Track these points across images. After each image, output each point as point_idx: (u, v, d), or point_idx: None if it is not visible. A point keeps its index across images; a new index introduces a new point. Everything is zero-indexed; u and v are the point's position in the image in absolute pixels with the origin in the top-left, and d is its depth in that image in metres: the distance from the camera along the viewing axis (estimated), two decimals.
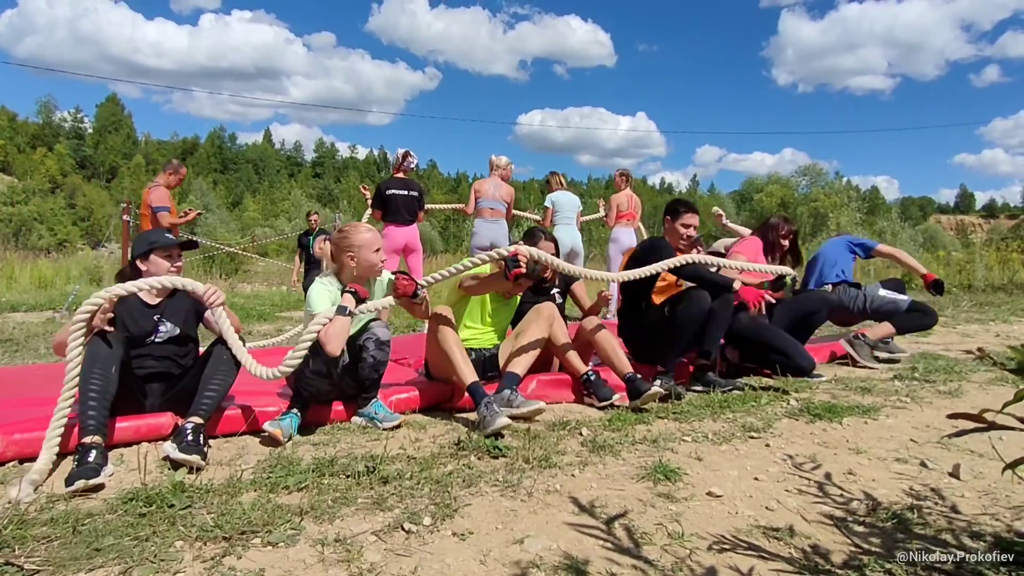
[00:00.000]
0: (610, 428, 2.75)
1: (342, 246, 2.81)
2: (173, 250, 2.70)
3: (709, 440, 2.59)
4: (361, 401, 2.84)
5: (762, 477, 2.18)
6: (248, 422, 2.61)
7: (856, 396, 3.40)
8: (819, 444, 2.57)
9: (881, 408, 3.10)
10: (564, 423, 2.80)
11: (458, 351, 2.91)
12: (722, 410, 3.04)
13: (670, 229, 3.84)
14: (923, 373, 3.98)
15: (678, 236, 3.79)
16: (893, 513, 1.85)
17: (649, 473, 2.18)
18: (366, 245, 2.79)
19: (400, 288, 2.82)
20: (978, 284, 11.39)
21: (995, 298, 9.82)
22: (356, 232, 2.83)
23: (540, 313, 3.18)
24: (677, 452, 2.44)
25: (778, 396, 3.33)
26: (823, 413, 2.95)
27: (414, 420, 2.89)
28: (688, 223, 3.78)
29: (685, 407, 3.08)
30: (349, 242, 2.80)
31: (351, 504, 1.92)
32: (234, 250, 16.93)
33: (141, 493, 1.93)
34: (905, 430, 2.77)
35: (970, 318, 7.54)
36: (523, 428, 2.74)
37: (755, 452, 2.46)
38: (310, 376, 2.65)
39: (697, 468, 2.27)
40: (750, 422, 2.84)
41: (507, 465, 2.28)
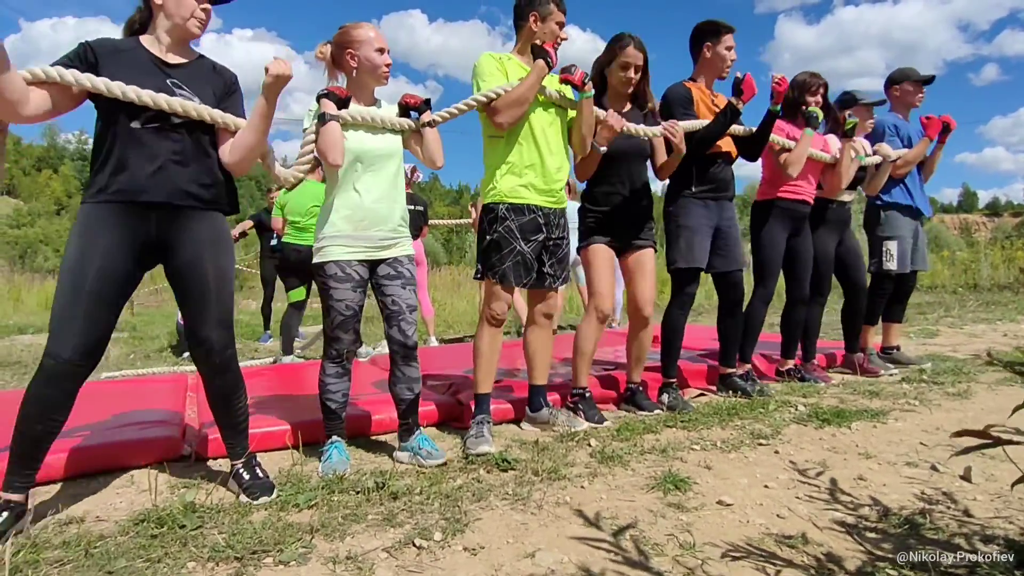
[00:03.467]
0: (619, 438, 2.75)
1: (342, 42, 2.47)
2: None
3: (718, 448, 2.59)
4: (402, 431, 2.60)
5: (772, 485, 2.17)
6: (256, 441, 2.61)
7: (864, 400, 3.39)
8: (828, 450, 2.56)
9: (890, 412, 3.09)
10: (573, 434, 2.80)
11: (487, 360, 2.76)
12: (730, 417, 3.04)
13: (712, 56, 3.35)
14: (931, 375, 3.97)
15: (722, 64, 3.34)
16: (904, 518, 1.85)
17: (659, 483, 2.17)
18: (367, 41, 2.45)
19: (407, 99, 2.55)
20: (984, 283, 11.34)
21: (1001, 297, 9.78)
22: (357, 26, 2.49)
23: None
24: (686, 461, 2.44)
25: (786, 402, 3.33)
26: (831, 418, 2.94)
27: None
28: (731, 46, 3.32)
29: (693, 415, 3.07)
30: (349, 37, 2.46)
31: (361, 521, 1.92)
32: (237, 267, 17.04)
33: (152, 514, 1.93)
34: (915, 433, 2.76)
35: (977, 318, 7.51)
36: (531, 440, 2.74)
37: (764, 459, 2.46)
38: (331, 381, 2.49)
39: (707, 477, 2.26)
40: (758, 429, 2.84)
41: (516, 478, 2.28)
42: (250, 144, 2.09)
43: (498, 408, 2.99)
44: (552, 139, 2.76)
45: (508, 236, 2.68)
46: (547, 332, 2.95)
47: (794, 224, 3.75)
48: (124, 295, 1.99)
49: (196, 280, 2.05)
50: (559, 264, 2.85)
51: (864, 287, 4.17)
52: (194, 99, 2.03)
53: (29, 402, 1.88)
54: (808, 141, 3.55)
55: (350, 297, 2.42)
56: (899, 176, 4.19)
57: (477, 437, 2.63)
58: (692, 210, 3.33)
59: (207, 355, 2.09)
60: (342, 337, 2.45)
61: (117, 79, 1.91)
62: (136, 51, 2.02)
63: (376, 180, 2.46)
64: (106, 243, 1.92)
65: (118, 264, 1.94)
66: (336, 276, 2.40)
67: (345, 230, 2.42)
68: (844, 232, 4.11)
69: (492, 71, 2.70)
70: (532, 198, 2.71)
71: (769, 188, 3.77)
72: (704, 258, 3.34)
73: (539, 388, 2.95)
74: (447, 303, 10.13)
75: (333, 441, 2.48)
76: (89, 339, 1.89)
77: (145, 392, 3.41)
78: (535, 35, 2.73)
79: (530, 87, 2.62)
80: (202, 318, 2.07)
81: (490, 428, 2.72)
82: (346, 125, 2.41)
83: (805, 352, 4.08)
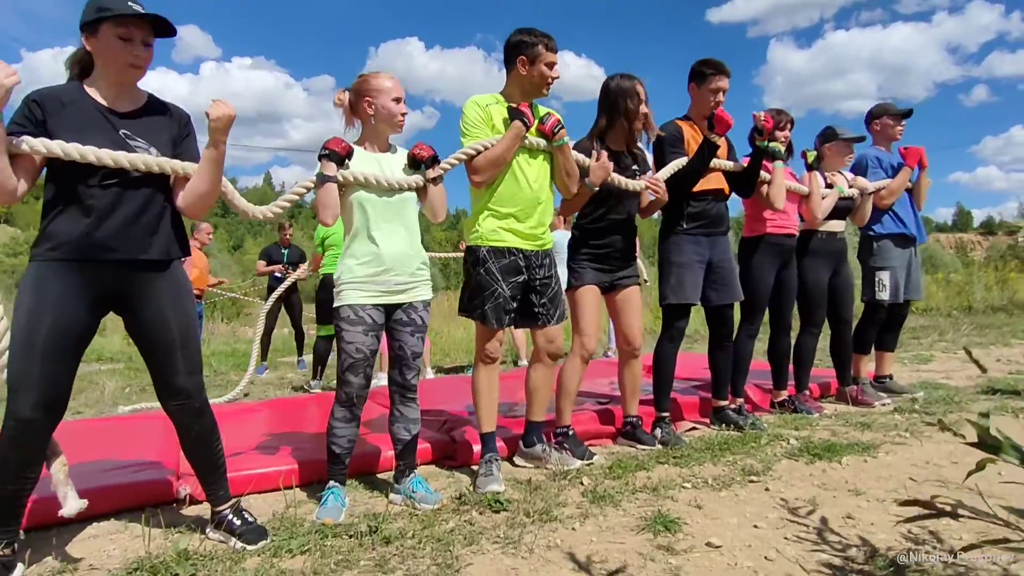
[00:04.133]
0: (611, 476, 2.76)
1: (360, 91, 2.52)
2: (135, 29, 1.93)
3: (709, 486, 2.60)
4: (397, 472, 2.62)
5: (761, 524, 2.19)
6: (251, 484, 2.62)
7: (856, 432, 3.41)
8: (818, 486, 2.58)
9: (880, 445, 3.12)
10: (565, 472, 2.81)
11: (487, 398, 2.78)
12: (722, 452, 3.06)
13: (697, 97, 3.45)
14: (923, 405, 4.00)
15: (707, 104, 3.40)
16: (891, 560, 1.87)
17: (649, 524, 2.19)
18: (385, 91, 2.49)
19: (417, 151, 2.54)
20: (978, 306, 11.41)
21: (995, 319, 9.84)
22: (376, 77, 2.52)
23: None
24: (677, 500, 2.45)
25: (778, 435, 3.35)
26: (822, 453, 2.96)
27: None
28: (717, 87, 3.36)
29: (686, 451, 3.09)
30: (368, 86, 2.50)
31: (354, 567, 1.93)
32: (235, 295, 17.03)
33: (146, 563, 1.94)
34: (904, 468, 2.79)
35: (971, 342, 7.55)
36: (525, 478, 2.76)
37: (754, 497, 2.47)
38: (338, 426, 2.49)
39: (697, 517, 2.28)
40: (750, 464, 2.86)
41: (508, 520, 2.29)
42: (203, 192, 2.07)
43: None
44: (535, 185, 2.81)
45: (489, 278, 2.72)
46: (550, 371, 2.98)
47: (782, 258, 3.81)
48: (80, 347, 1.97)
49: (161, 335, 2.04)
50: (551, 303, 2.89)
51: (850, 321, 4.21)
52: (150, 150, 1.99)
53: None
54: (781, 173, 3.66)
55: (360, 340, 2.43)
56: (885, 207, 4.27)
57: (487, 476, 2.65)
58: (683, 247, 3.39)
59: (183, 404, 2.10)
60: (352, 380, 2.45)
61: (68, 135, 1.87)
62: (82, 103, 1.95)
63: (392, 226, 2.49)
64: (58, 298, 1.89)
65: (71, 319, 1.91)
66: (349, 319, 2.43)
67: (361, 275, 2.45)
68: (839, 263, 4.16)
69: (476, 122, 2.75)
70: (513, 241, 2.76)
71: (755, 224, 3.84)
72: (695, 294, 3.39)
73: (536, 424, 2.98)
74: (444, 331, 10.12)
75: (331, 487, 2.47)
76: (48, 395, 1.88)
77: (137, 432, 3.41)
78: (524, 79, 2.78)
79: (506, 149, 2.68)
80: (172, 369, 2.07)
81: (499, 465, 2.74)
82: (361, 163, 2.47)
83: (798, 383, 4.11)
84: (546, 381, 2.98)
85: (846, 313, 4.20)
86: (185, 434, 2.15)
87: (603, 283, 3.16)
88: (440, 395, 4.29)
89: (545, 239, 2.88)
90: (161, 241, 2.04)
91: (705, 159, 3.29)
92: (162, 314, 2.04)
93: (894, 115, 4.34)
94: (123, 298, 2.02)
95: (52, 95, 1.93)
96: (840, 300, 4.16)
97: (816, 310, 4.08)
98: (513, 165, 2.76)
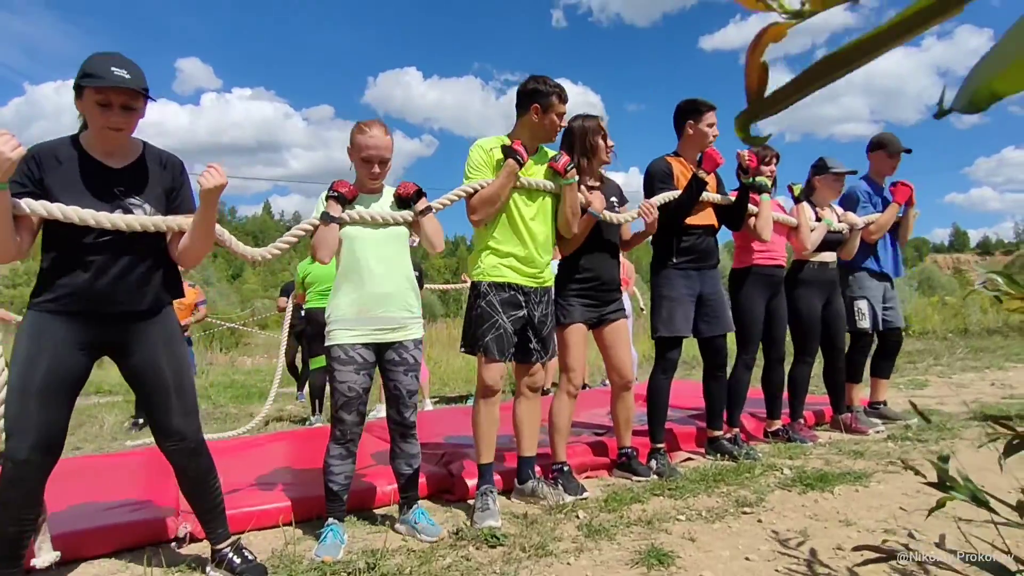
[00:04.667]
0: (606, 509, 2.80)
1: (350, 138, 2.60)
2: (113, 96, 1.94)
3: (703, 518, 2.64)
4: (400, 504, 2.68)
5: (753, 557, 2.23)
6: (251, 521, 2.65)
7: (848, 461, 3.44)
8: (810, 517, 2.62)
9: (873, 474, 3.15)
10: (561, 506, 2.84)
11: (487, 431, 2.82)
12: (716, 483, 3.09)
13: (693, 135, 3.50)
14: (915, 432, 4.04)
15: (703, 140, 3.47)
16: None
17: (643, 557, 2.22)
18: (357, 148, 2.55)
19: (401, 190, 2.62)
20: (973, 328, 11.46)
21: (990, 343, 9.89)
22: (361, 131, 2.56)
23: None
24: (671, 533, 2.49)
25: (772, 465, 3.38)
26: (815, 482, 3.00)
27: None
28: (712, 122, 3.46)
29: (680, 482, 3.12)
30: (351, 138, 2.58)
31: None
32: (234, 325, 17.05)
33: None
34: (895, 497, 2.82)
35: (966, 366, 7.59)
36: (521, 512, 2.79)
37: (747, 529, 2.51)
38: (334, 463, 2.52)
39: (690, 550, 2.31)
40: (743, 495, 2.89)
41: (504, 555, 2.32)
42: (196, 247, 2.14)
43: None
44: (535, 223, 2.90)
45: (490, 310, 2.79)
46: (535, 404, 3.03)
47: (771, 288, 3.89)
48: (76, 390, 2.04)
49: (155, 380, 2.11)
50: (546, 341, 2.96)
51: (842, 349, 4.28)
52: (144, 206, 2.05)
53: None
54: (768, 205, 3.75)
55: (352, 379, 2.49)
56: (873, 241, 4.36)
57: (483, 510, 2.68)
58: (674, 281, 3.46)
59: (178, 445, 2.14)
60: (345, 418, 2.51)
61: (64, 194, 1.93)
62: (77, 160, 2.00)
63: (382, 265, 2.55)
64: (55, 343, 1.95)
65: (67, 365, 1.98)
66: (340, 359, 2.49)
67: (350, 314, 2.51)
68: (832, 293, 4.23)
69: (478, 165, 2.85)
70: (513, 277, 2.84)
71: (743, 256, 3.92)
72: (686, 327, 3.45)
73: (527, 460, 3.01)
74: (443, 360, 10.13)
75: (330, 524, 2.50)
76: (44, 436, 1.93)
77: (136, 469, 3.44)
78: (535, 125, 2.87)
79: (500, 187, 2.77)
80: (167, 412, 2.12)
81: (495, 498, 2.77)
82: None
83: (793, 411, 4.15)
84: (531, 414, 3.02)
85: (839, 342, 4.26)
86: (182, 474, 2.20)
87: (591, 319, 3.22)
88: (438, 427, 4.32)
89: (545, 276, 2.96)
90: (154, 291, 2.12)
91: (694, 195, 3.38)
92: (155, 359, 2.11)
93: (892, 152, 4.42)
94: (117, 345, 2.09)
95: (49, 152, 1.98)
96: (833, 329, 4.22)
97: (810, 340, 4.14)
98: (511, 205, 2.84)
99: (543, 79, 2.88)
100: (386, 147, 2.57)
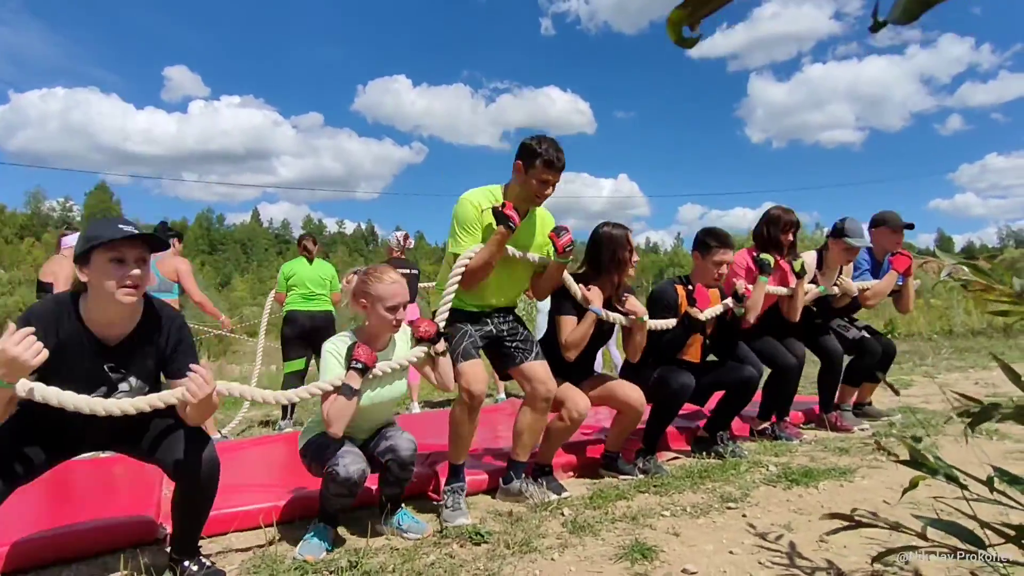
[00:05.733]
0: (591, 506, 2.79)
1: (358, 291, 2.50)
2: (127, 250, 1.90)
3: (688, 513, 2.64)
4: (383, 505, 2.64)
5: (737, 550, 2.23)
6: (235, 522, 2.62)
7: (833, 457, 3.46)
8: (794, 511, 2.63)
9: (857, 469, 3.17)
10: (547, 503, 2.84)
11: (463, 431, 2.80)
12: (702, 480, 3.09)
13: (700, 266, 3.58)
14: (900, 429, 4.07)
15: (709, 275, 3.53)
16: None
17: (627, 552, 2.22)
18: (380, 298, 2.44)
19: (420, 331, 2.56)
20: (958, 329, 11.58)
21: (975, 343, 9.99)
22: (379, 279, 2.46)
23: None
24: (656, 528, 2.48)
25: (758, 462, 3.39)
26: (800, 478, 3.01)
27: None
28: (720, 260, 3.49)
29: (666, 479, 3.12)
30: (366, 288, 2.47)
31: None
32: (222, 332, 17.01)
33: None
34: (879, 491, 2.84)
35: (951, 366, 7.67)
36: (506, 510, 2.78)
37: (731, 524, 2.51)
38: (332, 497, 2.41)
39: (674, 544, 2.31)
40: (728, 492, 2.90)
41: (488, 552, 2.31)
42: (195, 420, 2.09)
43: (475, 479, 3.03)
44: (506, 284, 2.98)
45: (458, 323, 2.87)
46: (542, 418, 2.97)
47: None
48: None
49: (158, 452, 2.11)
50: (523, 343, 2.99)
51: (840, 354, 4.25)
52: (128, 380, 2.03)
53: None
54: (762, 288, 3.75)
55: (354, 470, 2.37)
56: (869, 307, 4.44)
57: (454, 509, 2.67)
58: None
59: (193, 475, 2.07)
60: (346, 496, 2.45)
61: (54, 369, 1.84)
62: (75, 338, 1.94)
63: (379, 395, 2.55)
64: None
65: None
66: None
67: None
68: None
69: (469, 226, 2.82)
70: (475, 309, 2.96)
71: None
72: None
73: (517, 464, 3.00)
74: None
75: (318, 525, 2.44)
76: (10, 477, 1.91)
77: (117, 471, 3.40)
78: (519, 180, 2.83)
79: (491, 256, 2.76)
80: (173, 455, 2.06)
81: (464, 497, 2.76)
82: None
83: (779, 411, 4.16)
84: (533, 426, 2.96)
85: (834, 347, 4.26)
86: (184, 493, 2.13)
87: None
88: (425, 429, 4.29)
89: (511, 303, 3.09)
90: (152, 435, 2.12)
91: (686, 334, 3.44)
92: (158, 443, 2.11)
93: (894, 227, 4.36)
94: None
95: (49, 320, 1.90)
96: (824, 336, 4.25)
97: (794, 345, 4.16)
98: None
99: (543, 139, 2.79)
100: (405, 288, 2.51)
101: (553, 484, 3.02)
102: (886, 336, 4.64)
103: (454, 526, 2.56)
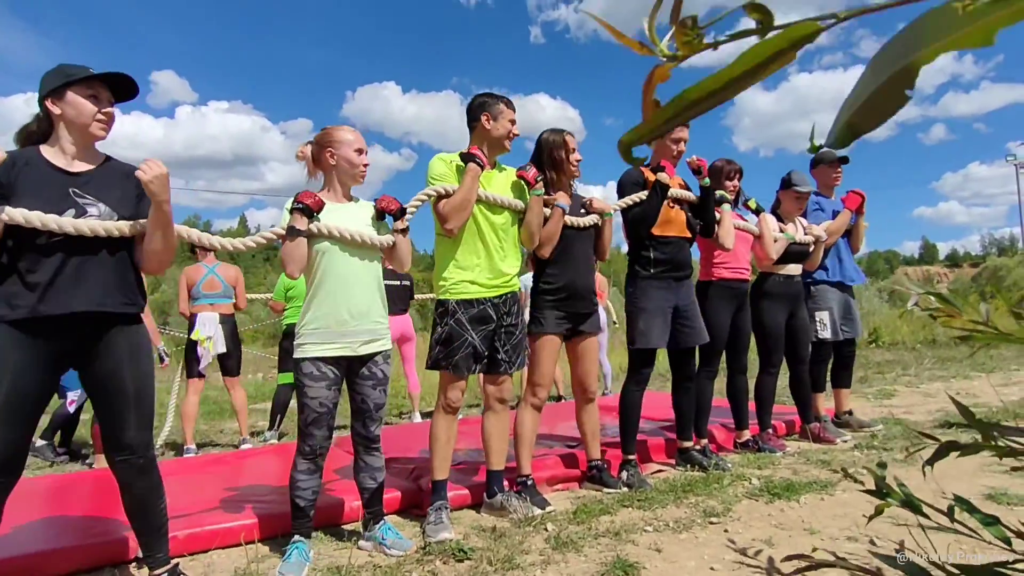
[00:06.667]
0: (575, 521, 2.80)
1: (323, 142, 2.60)
2: (101, 90, 2.04)
3: (670, 528, 2.65)
4: (366, 520, 2.64)
5: (717, 566, 2.24)
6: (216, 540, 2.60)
7: (815, 470, 3.49)
8: (775, 526, 2.65)
9: (838, 483, 3.20)
10: (530, 518, 2.84)
11: (443, 446, 2.83)
12: (685, 494, 3.11)
13: (659, 145, 3.59)
14: (881, 441, 4.10)
15: (668, 151, 3.57)
16: None
17: (609, 569, 2.23)
18: (347, 142, 2.58)
19: (383, 204, 2.64)
20: (941, 338, 11.70)
21: (957, 352, 10.10)
22: (337, 129, 2.62)
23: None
24: (638, 544, 2.49)
25: (741, 475, 3.41)
26: (781, 492, 3.03)
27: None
28: (678, 137, 3.54)
29: (650, 493, 3.14)
30: (330, 138, 2.59)
31: None
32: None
33: None
34: (860, 505, 2.86)
35: (933, 375, 7.75)
36: (490, 526, 2.78)
37: (713, 539, 2.53)
38: (302, 478, 2.47)
39: (656, 560, 2.32)
40: (711, 506, 2.91)
41: (471, 569, 2.31)
42: (157, 250, 2.10)
43: (458, 494, 3.03)
44: (499, 235, 2.93)
45: (459, 328, 2.80)
46: (503, 417, 3.03)
47: (735, 301, 3.95)
48: (39, 408, 1.98)
49: (115, 390, 2.06)
50: (514, 350, 2.96)
51: (806, 360, 4.34)
52: (97, 205, 2.01)
53: None
54: (728, 215, 3.81)
55: (324, 395, 2.46)
56: (828, 246, 4.48)
57: (436, 524, 2.67)
58: (650, 292, 3.49)
59: (128, 459, 2.08)
60: (315, 433, 2.48)
61: (21, 194, 1.90)
62: (35, 162, 1.98)
63: (356, 279, 2.54)
64: (17, 360, 1.90)
65: (31, 379, 1.92)
66: (311, 374, 2.45)
67: (323, 326, 2.48)
68: (795, 306, 4.30)
69: (443, 173, 2.88)
70: (480, 292, 2.85)
71: (707, 268, 3.99)
72: (661, 339, 3.48)
73: (495, 474, 3.01)
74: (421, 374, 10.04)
75: (295, 541, 2.45)
76: (6, 454, 1.89)
77: (92, 488, 3.36)
78: (488, 132, 2.91)
79: (468, 190, 2.79)
80: (122, 424, 2.06)
81: (448, 513, 2.76)
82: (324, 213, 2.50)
83: (761, 422, 4.20)
84: (499, 428, 3.02)
85: (803, 352, 4.33)
86: (127, 491, 2.12)
87: (564, 331, 3.24)
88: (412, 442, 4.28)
89: (512, 282, 2.98)
90: (118, 297, 2.06)
91: (658, 199, 3.43)
92: (119, 370, 2.06)
93: (830, 162, 4.60)
94: (81, 353, 2.04)
95: (21, 156, 1.98)
96: (797, 341, 4.29)
97: (774, 351, 4.20)
98: (473, 220, 2.86)
99: (489, 93, 3.00)
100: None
101: (537, 498, 3.02)
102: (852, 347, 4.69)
103: (437, 541, 2.56)
